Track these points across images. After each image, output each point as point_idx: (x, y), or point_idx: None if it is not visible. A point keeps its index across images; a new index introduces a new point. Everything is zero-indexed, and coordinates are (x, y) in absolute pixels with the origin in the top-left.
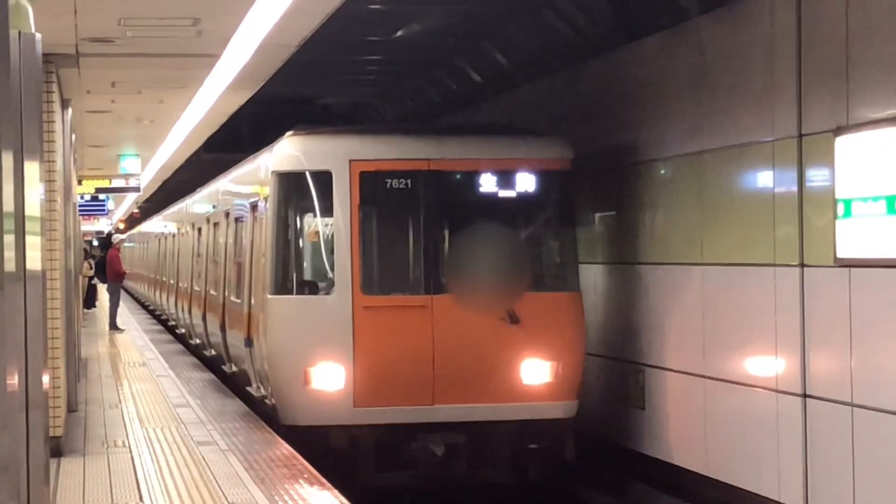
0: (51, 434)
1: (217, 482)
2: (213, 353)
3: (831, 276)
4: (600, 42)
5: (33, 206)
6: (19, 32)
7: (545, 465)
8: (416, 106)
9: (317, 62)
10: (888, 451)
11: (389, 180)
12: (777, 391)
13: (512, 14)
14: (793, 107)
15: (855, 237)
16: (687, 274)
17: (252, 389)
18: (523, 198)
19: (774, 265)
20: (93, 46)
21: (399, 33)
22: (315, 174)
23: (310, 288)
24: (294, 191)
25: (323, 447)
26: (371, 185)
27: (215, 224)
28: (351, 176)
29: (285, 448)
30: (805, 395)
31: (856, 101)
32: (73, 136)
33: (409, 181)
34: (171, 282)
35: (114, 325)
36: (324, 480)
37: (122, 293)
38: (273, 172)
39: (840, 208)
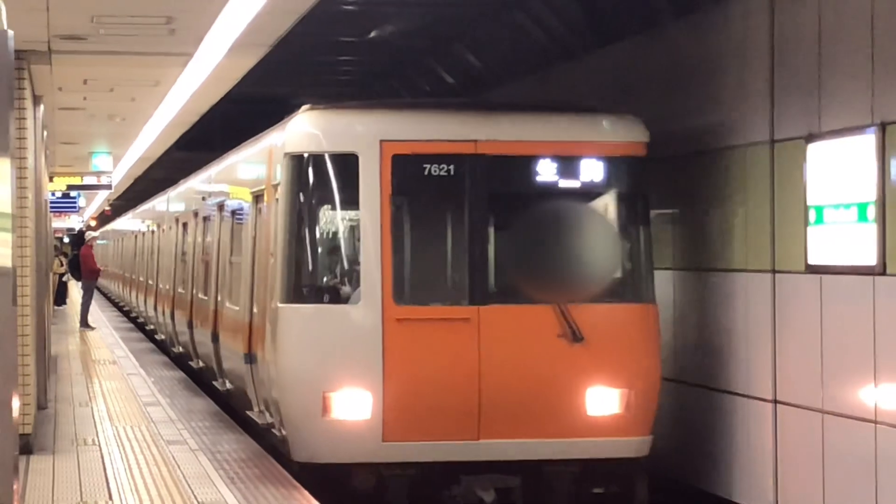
0: (21, 431)
1: (187, 481)
2: (202, 364)
3: None
4: (579, 45)
5: (4, 203)
6: None
7: None
8: None
9: (290, 62)
10: None
11: (428, 166)
12: None
13: (484, 16)
14: None
15: None
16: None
17: (254, 415)
18: (590, 189)
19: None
20: (65, 44)
21: (372, 34)
22: (338, 157)
23: (330, 295)
24: (311, 177)
25: (345, 490)
26: (405, 170)
27: (204, 219)
28: (381, 160)
29: (254, 447)
30: None
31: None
32: (45, 133)
33: (451, 167)
34: (150, 282)
35: (85, 323)
36: (295, 483)
37: (96, 292)
38: (286, 155)
39: None
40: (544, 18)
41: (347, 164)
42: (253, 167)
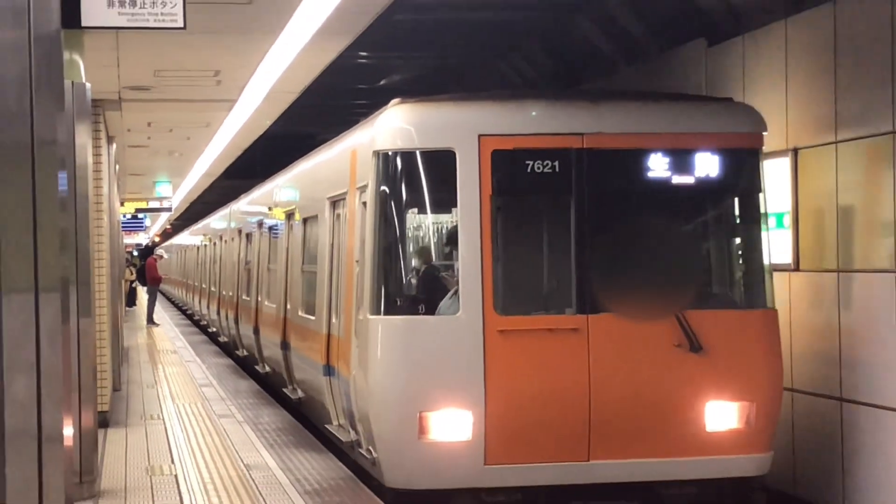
0: (99, 409)
1: (234, 448)
2: (268, 370)
3: None
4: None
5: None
6: (73, 82)
7: None
8: None
9: (315, 105)
10: None
11: (531, 162)
12: None
13: (477, 66)
14: None
15: None
16: None
17: (333, 429)
18: (705, 185)
19: None
20: (132, 93)
21: (382, 82)
22: (432, 154)
23: (426, 306)
24: (403, 177)
25: None
26: (507, 168)
27: (270, 229)
28: (481, 156)
29: (289, 419)
30: None
31: None
32: (117, 167)
33: (556, 163)
34: (212, 289)
35: (150, 320)
36: (322, 447)
37: (160, 295)
38: (375, 153)
39: None
40: (522, 70)
41: (443, 162)
42: (329, 172)
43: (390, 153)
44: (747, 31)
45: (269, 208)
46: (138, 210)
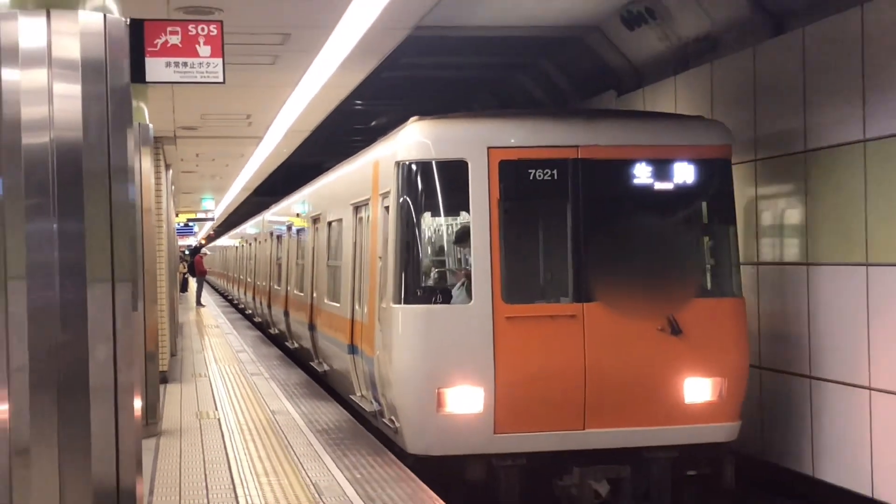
0: (160, 369)
1: (263, 398)
2: (297, 345)
3: None
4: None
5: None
6: (139, 124)
7: (704, 493)
8: None
9: (323, 140)
10: None
11: (533, 171)
12: None
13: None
14: None
15: None
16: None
17: (357, 399)
18: (683, 190)
19: None
20: (184, 132)
21: (372, 123)
22: (448, 164)
23: (443, 296)
24: (422, 183)
25: (457, 479)
26: (512, 176)
27: (298, 231)
28: (490, 165)
29: (304, 377)
30: None
31: None
32: (173, 187)
33: (555, 171)
34: (248, 280)
35: (199, 303)
36: (330, 398)
37: (205, 284)
38: (397, 163)
39: None
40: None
41: (457, 171)
42: (352, 182)
43: (410, 163)
44: (647, 85)
45: (298, 214)
46: (189, 220)
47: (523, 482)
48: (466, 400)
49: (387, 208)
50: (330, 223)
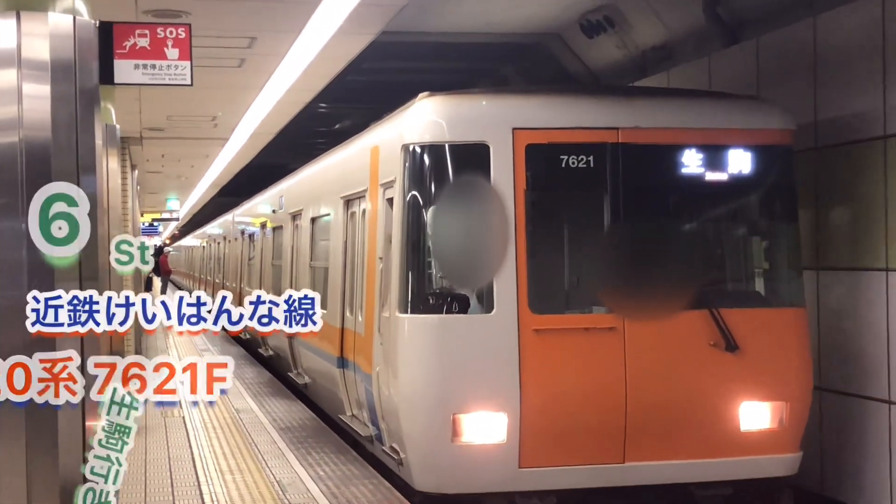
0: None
1: (227, 396)
2: (271, 353)
3: None
4: None
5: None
6: (106, 125)
7: None
8: None
9: (286, 142)
10: None
11: (566, 157)
12: None
13: None
14: None
15: None
16: None
17: (347, 419)
18: (738, 182)
19: None
20: (150, 133)
21: (336, 126)
22: (465, 148)
23: (459, 304)
24: (435, 171)
25: None
26: (541, 162)
27: (274, 229)
28: (515, 150)
29: (268, 375)
30: None
31: None
32: (138, 187)
33: (591, 158)
34: (216, 280)
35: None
36: (292, 395)
37: (169, 284)
38: (405, 147)
39: None
40: None
41: (477, 156)
42: (342, 172)
43: (420, 146)
44: None
45: (273, 211)
46: (154, 220)
47: None
48: (486, 428)
49: (390, 201)
50: (313, 220)
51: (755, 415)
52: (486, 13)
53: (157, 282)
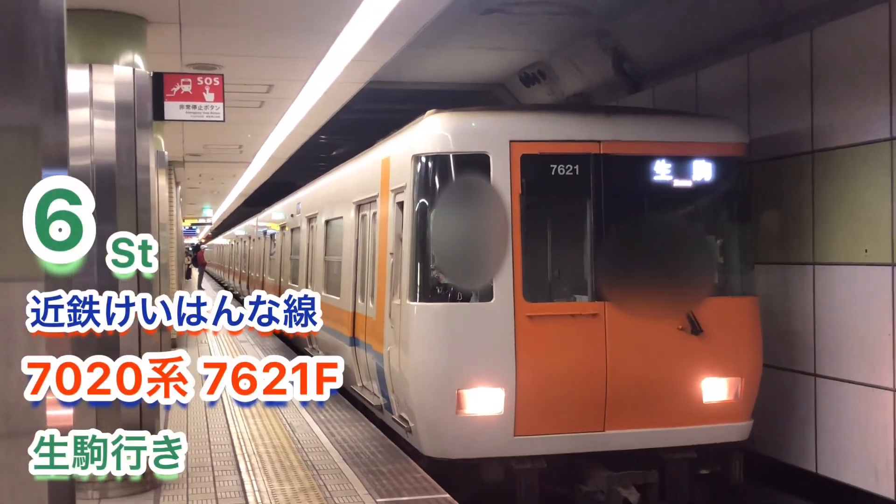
0: (171, 337)
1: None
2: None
3: None
4: None
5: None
6: (157, 151)
7: (714, 491)
8: None
9: (295, 166)
10: None
11: (555, 165)
12: None
13: None
14: None
15: None
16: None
17: (358, 389)
18: (701, 188)
19: None
20: (191, 157)
21: (333, 153)
22: (468, 157)
23: (463, 294)
24: (441, 177)
25: (475, 483)
26: (534, 170)
27: (292, 230)
28: (512, 160)
29: (281, 343)
30: None
31: None
32: (181, 200)
33: (577, 167)
34: (243, 271)
35: (199, 287)
36: (290, 349)
37: (206, 274)
38: (415, 157)
39: None
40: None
41: (478, 164)
42: (355, 181)
43: (429, 156)
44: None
45: (291, 215)
46: (192, 224)
47: (543, 486)
48: (486, 401)
49: (400, 204)
50: (327, 222)
51: (715, 389)
52: (447, 68)
53: (195, 272)
